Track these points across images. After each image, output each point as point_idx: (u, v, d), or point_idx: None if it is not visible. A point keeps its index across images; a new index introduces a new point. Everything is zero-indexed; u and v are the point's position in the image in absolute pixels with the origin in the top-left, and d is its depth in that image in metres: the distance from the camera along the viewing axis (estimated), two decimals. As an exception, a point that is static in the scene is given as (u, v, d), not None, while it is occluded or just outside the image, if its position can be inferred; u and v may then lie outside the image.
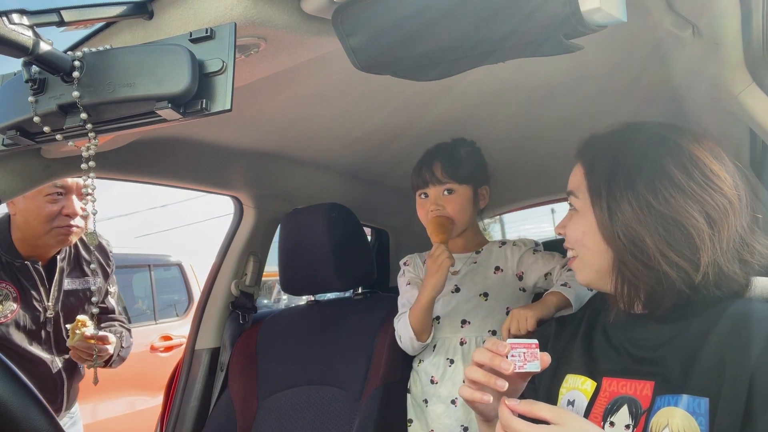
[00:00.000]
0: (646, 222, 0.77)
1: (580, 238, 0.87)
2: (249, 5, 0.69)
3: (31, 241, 1.56)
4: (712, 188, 0.77)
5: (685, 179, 0.77)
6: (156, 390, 3.21)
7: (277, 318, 1.80)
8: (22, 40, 0.60)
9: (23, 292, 1.55)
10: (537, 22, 0.62)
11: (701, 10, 0.77)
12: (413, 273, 1.51)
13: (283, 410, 1.56)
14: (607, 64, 1.15)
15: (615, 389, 0.81)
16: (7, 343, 1.49)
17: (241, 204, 1.77)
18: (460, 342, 1.37)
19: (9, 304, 1.51)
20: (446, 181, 1.39)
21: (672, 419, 0.72)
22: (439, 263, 1.30)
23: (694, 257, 0.75)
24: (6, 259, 1.54)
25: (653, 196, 0.77)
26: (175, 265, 4.16)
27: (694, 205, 0.76)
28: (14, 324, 1.51)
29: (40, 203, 1.50)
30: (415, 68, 0.75)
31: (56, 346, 1.60)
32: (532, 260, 1.40)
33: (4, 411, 0.63)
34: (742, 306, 0.75)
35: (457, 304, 1.40)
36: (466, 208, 1.41)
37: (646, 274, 0.78)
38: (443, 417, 1.36)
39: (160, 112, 0.64)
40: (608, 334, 0.88)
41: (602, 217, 0.82)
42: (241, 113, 1.29)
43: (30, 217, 1.51)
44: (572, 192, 0.90)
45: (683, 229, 0.76)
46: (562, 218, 0.95)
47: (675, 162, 0.79)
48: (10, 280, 1.53)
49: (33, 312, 1.55)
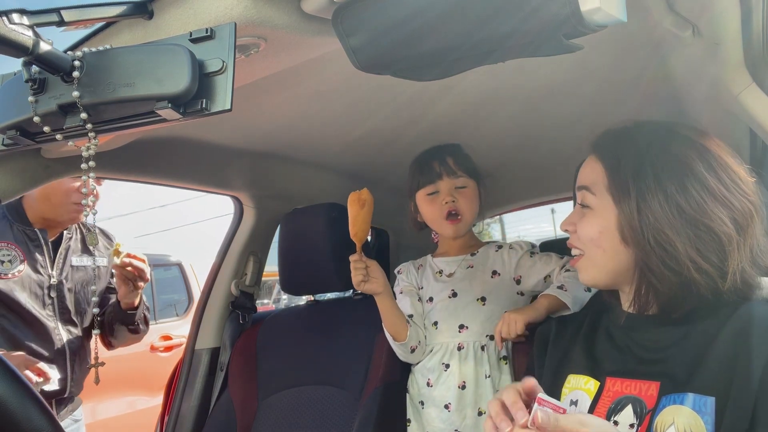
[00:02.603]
0: (676, 226, 0.75)
1: (596, 238, 0.83)
2: (249, 5, 0.69)
3: (44, 213, 1.62)
4: (739, 193, 0.76)
5: (715, 183, 0.76)
6: (156, 390, 3.21)
7: (277, 318, 1.80)
8: (22, 40, 0.60)
9: (30, 257, 1.60)
10: (537, 22, 0.62)
11: (701, 10, 0.77)
12: (406, 281, 1.50)
13: (283, 410, 1.56)
14: (607, 64, 1.15)
15: (619, 389, 0.80)
16: (12, 303, 1.53)
17: (241, 204, 1.77)
18: (457, 347, 1.36)
19: (16, 264, 1.57)
20: (460, 173, 1.40)
21: (677, 417, 0.71)
22: (355, 281, 1.32)
23: (721, 264, 0.74)
24: (17, 227, 1.61)
25: (684, 198, 0.75)
26: (175, 265, 4.16)
27: (724, 210, 0.75)
28: (20, 283, 1.56)
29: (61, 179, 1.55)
30: (415, 68, 0.75)
31: (60, 316, 1.63)
32: (530, 263, 1.39)
33: (4, 411, 0.63)
34: (752, 307, 0.74)
35: (455, 309, 1.39)
36: (476, 205, 1.42)
37: (671, 279, 0.76)
38: (437, 420, 1.36)
39: (160, 112, 0.64)
40: (611, 334, 0.87)
41: (630, 217, 0.78)
42: (241, 113, 1.29)
43: (49, 189, 1.55)
44: (587, 188, 0.86)
45: (714, 235, 0.74)
46: (569, 214, 0.90)
47: (704, 165, 0.77)
48: (18, 245, 1.59)
49: (38, 276, 1.60)
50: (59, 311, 1.63)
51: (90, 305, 1.70)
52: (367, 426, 1.38)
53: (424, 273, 1.50)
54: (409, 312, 1.42)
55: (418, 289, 1.48)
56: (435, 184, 1.41)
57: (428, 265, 1.50)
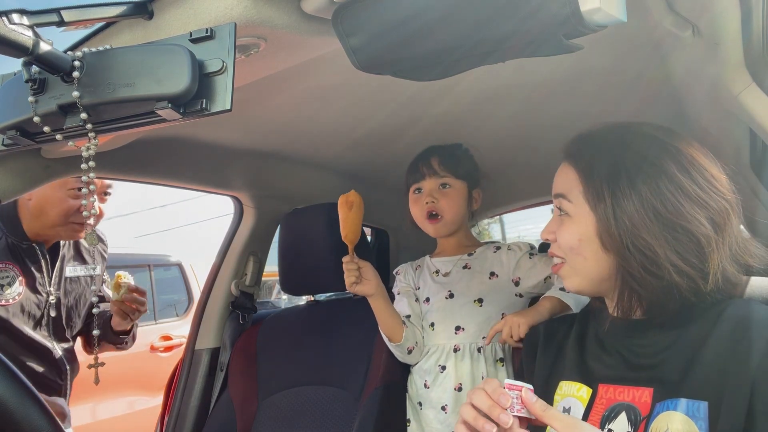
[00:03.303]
0: (653, 230, 0.74)
1: (576, 246, 0.82)
2: (249, 5, 0.69)
3: (41, 229, 1.53)
4: (714, 192, 0.76)
5: (689, 183, 0.75)
6: (156, 390, 3.21)
7: (277, 318, 1.80)
8: (22, 40, 0.60)
9: (28, 275, 1.51)
10: (537, 22, 0.61)
11: (701, 10, 0.77)
12: (404, 282, 1.51)
13: (283, 410, 1.56)
14: (607, 64, 1.15)
15: (612, 396, 0.79)
16: (9, 327, 1.45)
17: (241, 204, 1.77)
18: (453, 349, 1.36)
19: (15, 287, 1.48)
20: (444, 174, 1.40)
21: (671, 423, 0.71)
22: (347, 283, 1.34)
23: (702, 265, 0.74)
24: (12, 241, 1.51)
25: (660, 201, 0.74)
26: (175, 265, 4.16)
27: (700, 210, 0.74)
28: (19, 307, 1.48)
29: (62, 195, 1.47)
30: (415, 68, 0.75)
31: (55, 334, 1.57)
32: (530, 265, 1.38)
33: (4, 411, 0.63)
34: (740, 308, 0.74)
35: (452, 311, 1.38)
36: (460, 206, 1.41)
37: (653, 284, 0.75)
38: (434, 422, 1.35)
39: (160, 112, 0.64)
40: (601, 340, 0.86)
41: (607, 223, 0.77)
42: (241, 113, 1.29)
43: (48, 206, 1.48)
44: (563, 195, 0.85)
45: (692, 236, 0.74)
46: (548, 223, 0.89)
47: (677, 166, 0.76)
48: (15, 263, 1.50)
49: (36, 296, 1.53)
50: (53, 330, 1.57)
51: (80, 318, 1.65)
52: (366, 426, 1.38)
53: (421, 273, 1.50)
54: (407, 313, 1.42)
55: (416, 289, 1.48)
56: (419, 183, 1.42)
57: (426, 266, 1.50)
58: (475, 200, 1.46)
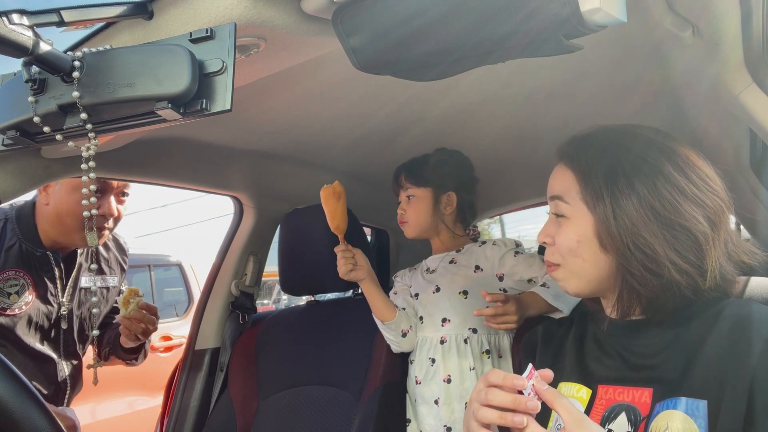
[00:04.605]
0: (652, 228, 0.75)
1: (575, 248, 0.82)
2: (249, 5, 0.69)
3: (58, 236, 1.46)
4: (709, 191, 0.77)
5: (685, 182, 0.76)
6: (156, 390, 3.21)
7: (277, 318, 1.80)
8: (22, 40, 0.60)
9: (39, 284, 1.44)
10: (537, 22, 0.61)
11: (701, 10, 0.77)
12: (401, 283, 1.57)
13: (283, 410, 1.56)
14: (607, 64, 1.15)
15: (612, 397, 0.79)
16: (13, 338, 1.39)
17: (241, 204, 1.77)
18: (440, 341, 1.38)
19: (25, 296, 1.40)
20: (407, 186, 1.49)
21: (671, 422, 0.71)
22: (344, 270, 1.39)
23: (700, 262, 0.75)
24: (26, 248, 1.44)
25: (658, 200, 0.76)
26: (175, 265, 4.16)
27: (697, 209, 0.75)
28: (26, 317, 1.41)
29: (78, 199, 1.40)
30: (415, 68, 0.75)
31: (64, 348, 1.50)
32: (513, 263, 1.40)
33: (4, 411, 0.63)
34: (739, 307, 0.74)
35: (438, 303, 1.42)
36: (421, 211, 1.47)
37: (653, 282, 0.76)
38: (428, 417, 1.37)
39: (160, 112, 0.64)
40: (600, 340, 0.86)
41: (607, 223, 0.78)
42: (241, 113, 1.29)
43: (64, 212, 1.42)
44: (559, 197, 0.85)
45: (690, 234, 0.75)
46: (545, 226, 0.88)
47: (673, 166, 0.77)
48: (28, 271, 1.43)
49: (46, 307, 1.46)
50: (63, 344, 1.50)
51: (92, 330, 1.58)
52: (366, 426, 1.38)
53: (415, 274, 1.56)
54: (402, 306, 1.47)
55: (409, 287, 1.54)
56: (397, 197, 1.54)
57: (420, 267, 1.56)
58: (448, 203, 1.48)
